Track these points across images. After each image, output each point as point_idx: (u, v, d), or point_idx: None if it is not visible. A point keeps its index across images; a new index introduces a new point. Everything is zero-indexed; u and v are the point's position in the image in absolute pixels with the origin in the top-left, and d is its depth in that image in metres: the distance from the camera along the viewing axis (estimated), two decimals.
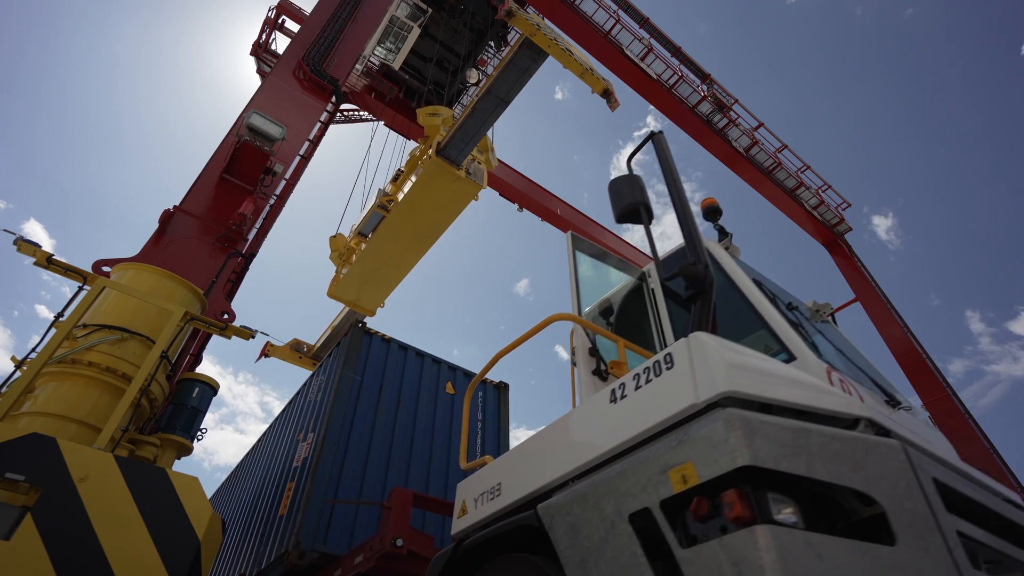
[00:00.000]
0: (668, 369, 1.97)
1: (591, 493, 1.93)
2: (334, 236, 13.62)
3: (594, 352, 2.89)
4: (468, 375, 7.54)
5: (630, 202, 2.54)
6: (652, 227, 2.59)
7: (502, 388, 7.65)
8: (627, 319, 3.18)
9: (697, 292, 2.24)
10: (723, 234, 3.29)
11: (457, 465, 6.48)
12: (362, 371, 6.42)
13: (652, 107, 17.29)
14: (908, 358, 15.45)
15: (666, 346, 2.70)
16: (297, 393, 7.98)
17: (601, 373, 2.78)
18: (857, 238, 18.93)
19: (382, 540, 4.17)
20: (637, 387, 2.08)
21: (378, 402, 6.37)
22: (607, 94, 8.80)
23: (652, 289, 3.10)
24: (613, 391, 2.17)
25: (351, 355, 6.46)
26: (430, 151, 10.84)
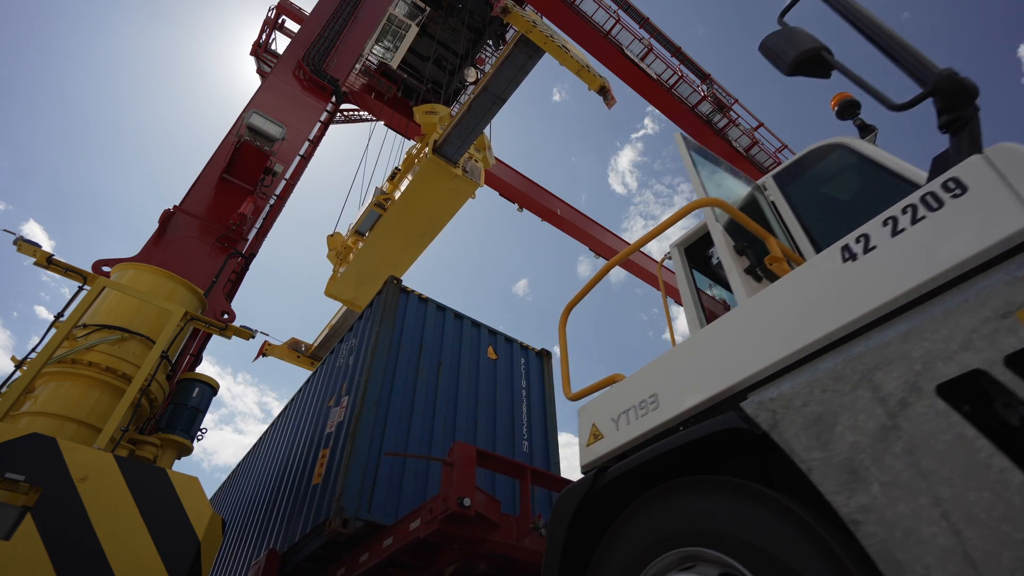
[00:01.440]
0: (956, 196, 1.54)
1: (850, 370, 1.48)
2: (332, 235, 13.56)
3: (743, 249, 2.46)
4: (509, 340, 7.15)
5: (804, 49, 2.05)
6: (652, 226, 2.44)
7: (544, 355, 7.26)
8: (741, 238, 2.78)
9: (964, 103, 1.75)
10: (866, 129, 2.85)
11: (506, 433, 6.20)
12: (399, 330, 6.04)
13: (651, 108, 17.36)
14: None
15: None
16: (323, 362, 7.69)
17: (755, 272, 2.38)
18: None
19: (445, 500, 3.62)
20: (896, 231, 1.62)
21: (418, 363, 5.97)
22: (604, 91, 8.73)
23: (772, 201, 2.72)
24: (846, 247, 1.74)
25: (387, 313, 6.03)
26: (427, 149, 10.81)
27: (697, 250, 3.19)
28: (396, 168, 12.39)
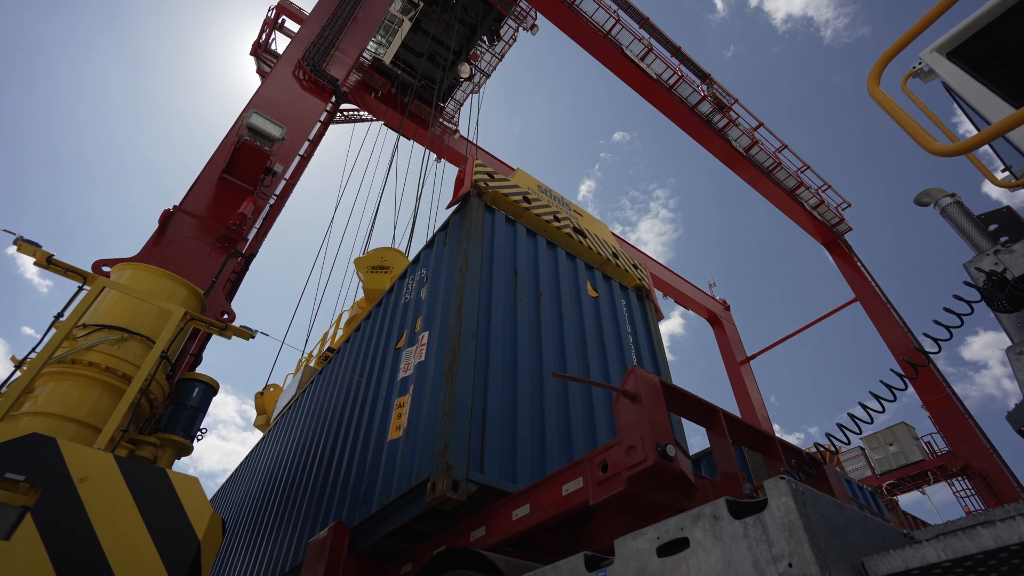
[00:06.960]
0: None
1: None
2: (260, 393, 11.92)
3: None
4: (607, 278, 6.27)
5: None
6: (629, 233, 1.96)
7: (644, 295, 6.64)
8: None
9: None
10: None
11: (619, 382, 4.54)
12: (490, 251, 5.07)
13: (622, 125, 17.32)
14: (907, 358, 15.47)
15: None
16: (377, 304, 6.66)
17: None
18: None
19: (640, 447, 2.34)
20: None
21: (516, 291, 4.95)
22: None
23: None
24: None
25: (473, 230, 4.94)
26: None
27: (967, 50, 2.40)
28: (338, 329, 11.12)
